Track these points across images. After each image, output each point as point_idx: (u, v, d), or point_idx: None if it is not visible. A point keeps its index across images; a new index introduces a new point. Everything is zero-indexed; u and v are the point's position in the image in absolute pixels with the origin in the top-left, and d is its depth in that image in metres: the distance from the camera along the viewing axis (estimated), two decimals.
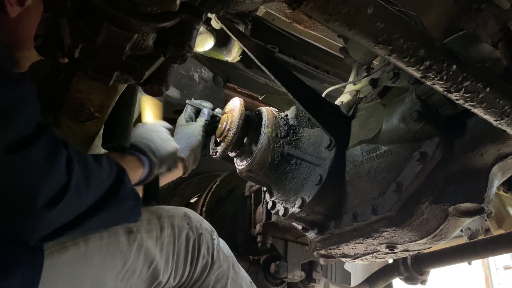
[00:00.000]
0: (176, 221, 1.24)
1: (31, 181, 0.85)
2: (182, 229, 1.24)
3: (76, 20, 0.75)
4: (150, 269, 1.15)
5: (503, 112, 0.92)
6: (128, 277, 1.11)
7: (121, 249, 1.10)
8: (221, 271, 1.30)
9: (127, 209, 1.07)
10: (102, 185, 1.00)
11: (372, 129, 1.27)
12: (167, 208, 1.27)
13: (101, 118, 1.16)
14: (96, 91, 1.10)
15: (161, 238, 1.18)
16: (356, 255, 1.38)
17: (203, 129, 1.59)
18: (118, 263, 1.09)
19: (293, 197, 1.39)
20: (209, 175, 2.50)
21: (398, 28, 0.79)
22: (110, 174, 1.03)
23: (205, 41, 1.81)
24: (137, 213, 1.10)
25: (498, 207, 2.20)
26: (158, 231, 1.18)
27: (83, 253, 1.03)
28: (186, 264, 1.23)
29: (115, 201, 1.02)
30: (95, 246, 1.06)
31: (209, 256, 1.27)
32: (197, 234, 1.27)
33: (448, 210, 1.15)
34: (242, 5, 0.80)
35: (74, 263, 1.02)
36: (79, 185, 0.92)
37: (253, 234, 1.97)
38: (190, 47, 0.79)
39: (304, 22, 1.53)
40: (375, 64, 1.62)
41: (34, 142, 0.86)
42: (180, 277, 1.23)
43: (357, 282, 2.33)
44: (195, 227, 1.27)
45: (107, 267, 1.07)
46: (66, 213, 0.91)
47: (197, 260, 1.25)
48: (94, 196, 0.97)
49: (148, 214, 1.20)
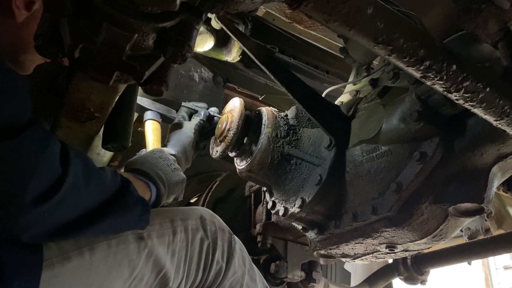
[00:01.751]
0: (190, 224, 1.18)
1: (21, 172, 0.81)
2: (196, 233, 1.18)
3: (76, 20, 0.75)
4: (158, 276, 1.10)
5: (503, 112, 0.92)
6: (135, 284, 1.07)
7: (129, 258, 1.05)
8: (236, 277, 1.24)
9: (135, 215, 1.03)
10: (104, 189, 0.97)
11: (372, 129, 1.27)
12: (181, 210, 1.22)
13: (101, 118, 1.16)
14: (96, 91, 1.10)
15: (173, 244, 1.13)
16: (356, 255, 1.38)
17: (196, 127, 1.58)
18: (125, 272, 1.04)
19: (293, 197, 1.39)
20: (209, 175, 2.50)
21: (398, 28, 0.79)
22: (114, 181, 1.00)
23: (205, 41, 1.81)
24: (145, 220, 1.05)
25: (498, 207, 2.20)
26: (170, 236, 1.13)
27: (88, 263, 0.99)
28: (199, 270, 1.17)
29: (122, 207, 0.99)
30: (102, 256, 1.01)
31: (223, 262, 1.21)
32: (212, 238, 1.21)
33: (448, 210, 1.15)
34: (242, 5, 0.80)
35: (77, 274, 0.97)
36: (77, 182, 0.88)
37: (253, 234, 1.97)
38: (190, 47, 0.79)
39: (304, 22, 1.53)
40: (375, 64, 1.62)
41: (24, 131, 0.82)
42: (191, 284, 1.17)
43: (357, 282, 2.32)
44: (210, 231, 1.21)
45: (113, 277, 1.03)
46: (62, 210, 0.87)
47: (211, 266, 1.19)
48: (96, 197, 0.94)
49: (161, 217, 1.15)
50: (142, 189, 1.14)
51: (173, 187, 1.23)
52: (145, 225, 1.06)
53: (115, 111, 1.19)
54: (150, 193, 1.17)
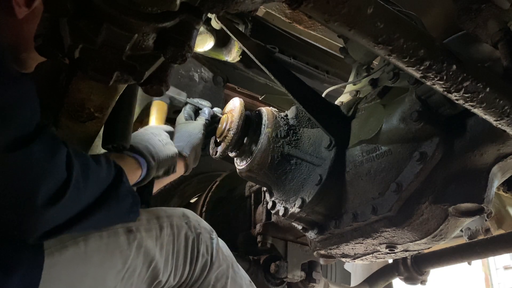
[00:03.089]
0: (175, 221, 1.24)
1: (32, 179, 0.86)
2: (181, 229, 1.24)
3: (76, 20, 0.74)
4: (150, 268, 1.15)
5: (503, 112, 0.92)
6: (128, 276, 1.11)
7: (120, 248, 1.10)
8: (221, 270, 1.30)
9: (126, 207, 1.07)
10: (100, 183, 1.01)
11: (372, 129, 1.27)
12: (165, 209, 1.28)
13: (101, 118, 1.16)
14: (96, 91, 1.10)
15: (160, 238, 1.18)
16: (356, 255, 1.38)
17: (203, 127, 1.59)
18: (118, 263, 1.09)
19: (293, 197, 1.39)
20: (209, 175, 2.50)
21: (398, 28, 0.79)
22: (108, 172, 1.03)
23: (205, 41, 1.81)
24: (135, 212, 1.11)
25: (498, 207, 2.20)
26: (157, 231, 1.19)
27: (83, 252, 1.04)
28: (186, 263, 1.23)
29: (114, 199, 1.02)
30: (95, 246, 1.06)
31: (208, 255, 1.27)
32: (196, 233, 1.27)
33: (448, 210, 1.15)
34: (242, 5, 0.80)
35: (75, 262, 1.02)
36: (78, 182, 0.92)
37: (253, 234, 1.97)
38: (190, 47, 0.79)
39: (304, 22, 1.53)
40: (375, 64, 1.62)
41: (34, 140, 0.86)
42: (180, 277, 1.23)
43: (357, 282, 2.32)
44: (194, 227, 1.27)
45: (107, 267, 1.07)
46: (65, 210, 0.92)
47: (197, 259, 1.25)
48: (92, 193, 0.98)
49: (147, 214, 1.20)
50: (132, 165, 1.20)
51: (163, 161, 1.28)
52: (135, 217, 1.12)
53: (115, 111, 1.19)
54: (141, 167, 1.22)
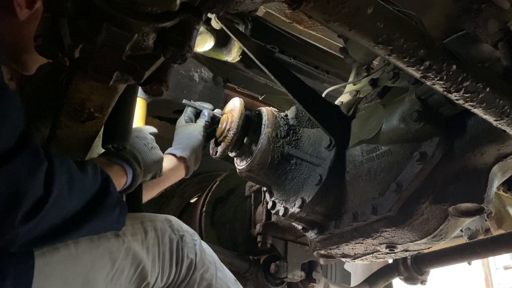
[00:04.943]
0: (158, 225, 1.25)
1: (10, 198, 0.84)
2: (164, 232, 1.25)
3: (76, 20, 0.74)
4: (137, 270, 1.16)
5: (503, 112, 0.92)
6: (117, 277, 1.13)
7: (110, 250, 1.11)
8: (206, 269, 1.31)
9: (113, 218, 1.07)
10: (86, 192, 1.00)
11: (372, 129, 1.27)
12: (148, 214, 1.29)
13: (101, 118, 1.16)
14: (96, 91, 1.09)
15: (146, 241, 1.19)
16: (356, 255, 1.38)
17: (203, 129, 1.59)
18: (107, 264, 1.10)
19: (293, 197, 1.39)
20: (209, 175, 2.50)
21: (398, 28, 0.79)
22: (94, 181, 1.03)
23: (205, 41, 1.81)
24: (121, 222, 1.11)
25: (498, 207, 2.20)
26: (142, 234, 1.20)
27: (74, 253, 1.04)
28: (172, 264, 1.24)
29: (102, 209, 1.02)
30: (85, 248, 1.06)
31: (193, 256, 1.29)
32: (179, 235, 1.28)
33: (448, 210, 1.15)
34: (242, 5, 0.80)
35: (67, 263, 1.03)
36: (60, 194, 0.91)
37: (253, 234, 1.97)
38: (190, 47, 0.79)
39: (304, 22, 1.53)
40: (375, 64, 1.62)
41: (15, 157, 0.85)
42: (167, 278, 1.24)
43: (357, 282, 2.32)
44: (177, 230, 1.29)
45: (97, 268, 1.08)
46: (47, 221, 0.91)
47: (182, 260, 1.26)
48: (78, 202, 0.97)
49: (131, 219, 1.20)
50: (118, 173, 1.19)
51: (149, 166, 1.28)
52: (121, 227, 1.12)
53: (115, 111, 1.19)
54: (126, 175, 1.21)
